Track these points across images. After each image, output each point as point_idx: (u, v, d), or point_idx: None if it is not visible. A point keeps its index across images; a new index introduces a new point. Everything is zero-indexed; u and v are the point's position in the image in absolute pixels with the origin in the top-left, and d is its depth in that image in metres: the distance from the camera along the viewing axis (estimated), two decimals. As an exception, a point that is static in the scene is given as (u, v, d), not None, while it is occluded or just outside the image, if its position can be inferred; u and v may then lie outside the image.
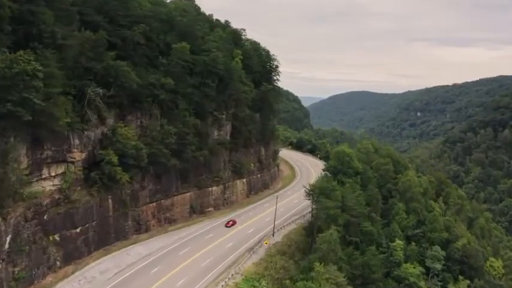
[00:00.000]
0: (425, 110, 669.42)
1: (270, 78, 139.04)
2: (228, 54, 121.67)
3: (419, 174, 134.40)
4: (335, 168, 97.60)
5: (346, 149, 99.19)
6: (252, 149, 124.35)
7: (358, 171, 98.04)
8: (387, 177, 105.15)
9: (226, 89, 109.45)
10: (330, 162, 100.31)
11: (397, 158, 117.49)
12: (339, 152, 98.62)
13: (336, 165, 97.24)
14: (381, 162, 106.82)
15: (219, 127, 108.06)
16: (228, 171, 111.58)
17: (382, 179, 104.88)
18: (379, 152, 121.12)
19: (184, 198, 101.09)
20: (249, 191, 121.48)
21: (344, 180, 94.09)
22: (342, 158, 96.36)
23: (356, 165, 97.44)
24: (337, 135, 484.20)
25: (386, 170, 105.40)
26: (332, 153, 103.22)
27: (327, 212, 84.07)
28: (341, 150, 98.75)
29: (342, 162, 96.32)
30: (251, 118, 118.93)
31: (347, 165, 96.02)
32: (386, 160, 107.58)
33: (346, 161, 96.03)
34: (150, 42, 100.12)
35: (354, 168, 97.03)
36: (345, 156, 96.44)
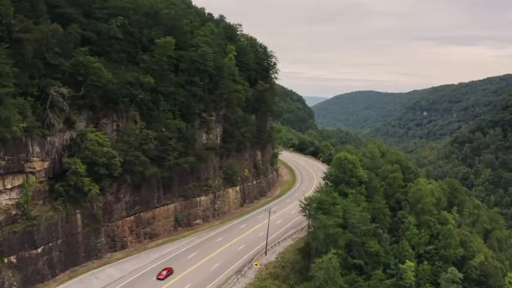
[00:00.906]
0: (432, 109, 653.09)
1: (267, 76, 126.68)
2: (220, 50, 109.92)
3: (430, 180, 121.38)
4: (336, 177, 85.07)
5: (348, 155, 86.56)
6: (247, 154, 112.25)
7: (363, 180, 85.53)
8: (396, 186, 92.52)
9: (216, 87, 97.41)
10: (331, 170, 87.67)
11: (406, 163, 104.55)
12: (340, 158, 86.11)
13: (337, 174, 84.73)
14: (389, 169, 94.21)
15: (207, 130, 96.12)
16: (218, 179, 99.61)
17: (390, 188, 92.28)
18: (386, 156, 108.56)
19: (167, 210, 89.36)
20: (243, 199, 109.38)
21: (347, 191, 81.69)
22: (344, 166, 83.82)
23: (360, 174, 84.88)
24: (342, 136, 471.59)
25: (394, 178, 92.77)
26: (333, 160, 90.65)
27: (326, 231, 71.58)
28: (343, 156, 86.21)
29: (344, 170, 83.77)
30: (245, 120, 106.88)
31: (350, 173, 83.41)
32: (394, 167, 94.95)
33: (349, 169, 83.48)
34: (130, 36, 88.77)
35: (357, 177, 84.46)
36: (348, 163, 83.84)
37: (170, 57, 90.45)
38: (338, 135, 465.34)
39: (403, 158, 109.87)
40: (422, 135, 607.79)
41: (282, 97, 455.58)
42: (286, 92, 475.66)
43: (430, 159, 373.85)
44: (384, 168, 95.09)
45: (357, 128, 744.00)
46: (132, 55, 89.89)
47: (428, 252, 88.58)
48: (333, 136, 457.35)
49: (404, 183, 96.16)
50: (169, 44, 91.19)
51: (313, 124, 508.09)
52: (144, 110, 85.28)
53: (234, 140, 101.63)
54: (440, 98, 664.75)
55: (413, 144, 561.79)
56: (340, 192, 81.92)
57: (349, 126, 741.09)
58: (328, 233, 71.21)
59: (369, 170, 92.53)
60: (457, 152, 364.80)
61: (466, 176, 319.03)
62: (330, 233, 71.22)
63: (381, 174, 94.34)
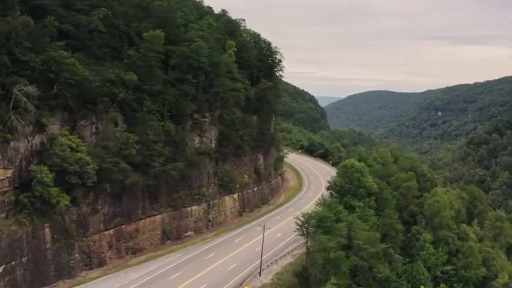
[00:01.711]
0: (446, 110, 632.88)
1: (271, 74, 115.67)
2: (218, 45, 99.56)
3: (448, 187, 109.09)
4: (341, 187, 73.56)
5: (356, 163, 74.79)
6: (246, 158, 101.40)
7: (372, 191, 73.76)
8: (410, 197, 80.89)
9: (211, 86, 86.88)
10: (335, 180, 75.90)
11: (421, 169, 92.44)
12: (346, 166, 74.49)
13: (343, 184, 73.14)
14: (402, 178, 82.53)
15: (200, 133, 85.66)
16: (213, 186, 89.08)
17: (404, 199, 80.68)
18: (399, 161, 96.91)
19: (154, 221, 79.18)
20: (242, 208, 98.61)
21: (353, 203, 70.20)
22: (351, 175, 72.21)
23: (369, 184, 73.06)
24: (355, 136, 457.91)
25: (408, 188, 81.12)
26: (338, 167, 78.40)
27: (326, 255, 60.17)
28: (349, 164, 74.55)
29: (351, 180, 72.12)
30: (244, 121, 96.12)
31: (357, 183, 71.77)
32: (408, 175, 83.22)
33: (356, 179, 71.84)
34: (114, 30, 78.94)
35: (366, 188, 72.76)
36: (355, 172, 72.15)
37: (158, 52, 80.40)
38: (351, 136, 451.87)
39: (418, 163, 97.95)
40: (437, 136, 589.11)
41: (294, 97, 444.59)
42: (298, 92, 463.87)
43: (445, 161, 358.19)
44: (396, 177, 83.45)
45: (370, 128, 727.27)
46: (118, 50, 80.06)
47: (446, 272, 76.80)
48: (346, 137, 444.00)
49: (420, 192, 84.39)
50: (158, 37, 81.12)
51: (326, 124, 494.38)
52: (126, 111, 75.30)
53: (231, 144, 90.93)
54: (455, 97, 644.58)
55: (428, 145, 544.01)
56: (345, 204, 70.54)
57: (363, 126, 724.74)
58: (328, 257, 59.75)
59: (379, 178, 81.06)
60: (473, 153, 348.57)
61: (482, 179, 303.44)
62: (331, 257, 59.75)
63: (393, 184, 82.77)
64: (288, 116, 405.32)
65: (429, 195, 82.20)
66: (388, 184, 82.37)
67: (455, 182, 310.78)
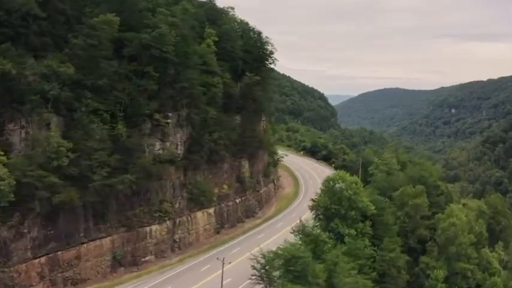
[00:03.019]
0: (460, 107, 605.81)
1: (260, 67, 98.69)
2: (194, 34, 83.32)
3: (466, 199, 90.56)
4: (326, 209, 55.37)
5: (346, 176, 56.28)
6: (226, 165, 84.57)
7: (368, 213, 55.30)
8: (418, 219, 63.01)
9: (177, 80, 70.50)
10: (319, 200, 57.35)
11: (434, 180, 73.98)
12: (333, 181, 56.10)
13: (328, 205, 54.87)
14: (409, 193, 64.55)
15: (162, 137, 69.42)
16: (180, 201, 72.79)
17: (410, 220, 62.81)
18: (407, 169, 79.11)
19: (100, 245, 63.34)
20: (220, 224, 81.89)
21: (342, 230, 52.34)
22: (339, 193, 54.02)
23: (364, 205, 54.58)
24: (366, 135, 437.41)
25: (417, 206, 63.06)
26: (324, 182, 59.63)
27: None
28: (335, 178, 56.25)
29: (340, 200, 54.02)
30: (220, 121, 79.40)
31: (348, 204, 53.58)
32: (417, 189, 65.06)
33: (346, 198, 53.72)
34: (59, 16, 63.57)
35: (360, 210, 54.57)
36: (345, 189, 53.93)
37: (112, 40, 64.74)
38: (361, 135, 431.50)
39: (431, 171, 79.61)
40: (451, 134, 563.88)
41: (303, 95, 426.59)
42: (307, 90, 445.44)
43: (460, 161, 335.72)
44: (401, 192, 65.54)
45: (383, 126, 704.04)
46: (65, 40, 64.43)
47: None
48: (356, 136, 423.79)
49: (431, 210, 66.63)
50: (111, 23, 65.24)
51: (336, 123, 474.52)
52: (63, 111, 59.64)
53: (202, 149, 74.27)
54: (468, 95, 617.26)
55: (441, 144, 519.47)
56: (333, 231, 53.20)
57: (375, 124, 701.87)
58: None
59: (381, 193, 63.67)
60: (489, 153, 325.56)
61: (499, 181, 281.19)
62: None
63: (397, 200, 65.17)
64: (296, 114, 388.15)
65: (443, 215, 64.08)
66: (390, 200, 64.63)
67: (471, 183, 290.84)
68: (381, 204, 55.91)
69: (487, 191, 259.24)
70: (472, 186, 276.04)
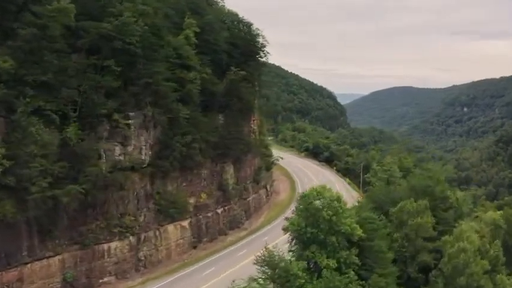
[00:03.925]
0: (472, 105, 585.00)
1: (249, 62, 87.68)
2: (169, 24, 73.01)
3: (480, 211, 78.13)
4: (301, 234, 42.84)
5: (326, 192, 43.95)
6: (205, 171, 73.61)
7: (355, 238, 42.80)
8: (420, 241, 50.94)
9: (141, 75, 59.93)
10: (292, 221, 45.07)
11: (442, 191, 61.22)
12: (309, 197, 43.63)
13: (303, 229, 42.41)
14: (409, 210, 52.25)
15: (123, 140, 58.74)
16: (146, 213, 62.23)
17: (411, 244, 50.66)
18: (410, 177, 67.12)
19: (48, 265, 53.42)
20: (197, 238, 71.02)
21: (321, 260, 40.46)
22: (316, 214, 41.82)
23: (347, 228, 41.90)
24: (376, 135, 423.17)
25: (418, 227, 50.86)
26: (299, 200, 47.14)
27: None
28: (312, 194, 43.75)
29: (317, 222, 41.76)
30: (197, 122, 68.48)
31: (328, 227, 41.16)
32: (420, 204, 52.76)
33: (326, 220, 41.39)
34: (9, 4, 53.72)
35: (344, 234, 42.31)
36: (324, 209, 41.62)
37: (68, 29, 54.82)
38: (371, 134, 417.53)
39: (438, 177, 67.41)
40: (463, 133, 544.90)
41: (311, 94, 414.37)
42: (315, 88, 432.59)
43: (472, 162, 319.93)
44: (400, 208, 53.30)
45: (394, 125, 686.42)
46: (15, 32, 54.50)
47: None
48: (365, 135, 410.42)
49: (437, 229, 54.56)
50: (65, 10, 55.14)
51: (346, 122, 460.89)
52: (2, 112, 49.58)
53: (172, 154, 63.41)
54: (481, 93, 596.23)
55: (453, 143, 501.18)
56: (310, 261, 41.68)
57: (386, 123, 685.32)
58: None
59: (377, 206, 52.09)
60: (503, 153, 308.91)
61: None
62: None
63: (394, 218, 53.28)
64: (304, 113, 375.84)
65: (451, 239, 51.83)
66: (386, 217, 52.76)
67: (483, 185, 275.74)
68: (371, 225, 44.32)
69: (500, 193, 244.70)
70: (484, 189, 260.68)
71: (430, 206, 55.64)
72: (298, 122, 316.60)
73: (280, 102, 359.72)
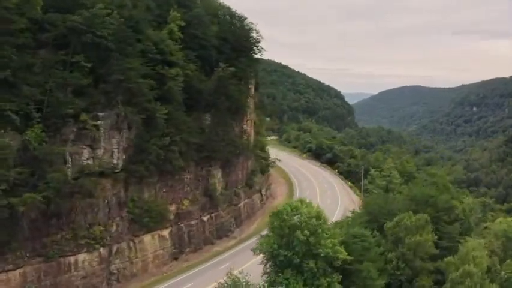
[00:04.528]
0: (482, 105, 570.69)
1: (240, 58, 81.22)
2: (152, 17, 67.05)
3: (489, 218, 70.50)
4: (274, 255, 35.61)
5: (303, 209, 36.53)
6: (189, 176, 67.31)
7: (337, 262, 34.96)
8: (419, 262, 43.76)
9: (110, 72, 53.85)
10: (263, 242, 37.68)
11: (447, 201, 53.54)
12: (281, 213, 36.19)
13: (274, 250, 35.11)
14: (407, 225, 44.96)
15: (92, 143, 52.72)
16: (119, 222, 56.18)
17: (408, 266, 43.42)
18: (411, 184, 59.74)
19: (7, 280, 48.41)
20: (179, 249, 64.77)
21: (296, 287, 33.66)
22: (290, 233, 34.11)
23: (328, 251, 34.48)
24: (383, 134, 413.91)
25: (417, 246, 43.78)
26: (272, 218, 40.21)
27: None
28: (285, 210, 36.09)
29: (292, 242, 34.37)
30: (177, 123, 62.22)
31: (305, 248, 33.76)
32: (420, 220, 45.25)
33: (303, 241, 33.83)
34: None
35: (324, 258, 34.88)
36: (300, 228, 34.17)
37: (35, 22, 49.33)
38: (378, 134, 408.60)
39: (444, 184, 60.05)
40: (472, 133, 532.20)
41: (318, 93, 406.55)
42: (322, 88, 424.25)
43: (481, 162, 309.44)
44: (396, 223, 45.92)
45: (403, 125, 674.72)
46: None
47: None
48: (373, 135, 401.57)
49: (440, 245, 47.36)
50: (31, 2, 49.97)
51: (353, 122, 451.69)
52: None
53: (148, 158, 57.18)
54: (490, 92, 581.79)
55: (462, 143, 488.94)
56: (287, 287, 35.06)
57: (395, 123, 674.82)
58: None
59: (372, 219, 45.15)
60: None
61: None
62: None
63: (390, 235, 46.03)
64: (311, 113, 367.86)
65: (455, 259, 44.65)
66: (380, 232, 45.77)
67: (492, 187, 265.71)
68: (361, 244, 37.34)
69: (510, 195, 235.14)
70: (494, 190, 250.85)
71: (433, 218, 48.66)
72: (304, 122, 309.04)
73: (286, 102, 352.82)
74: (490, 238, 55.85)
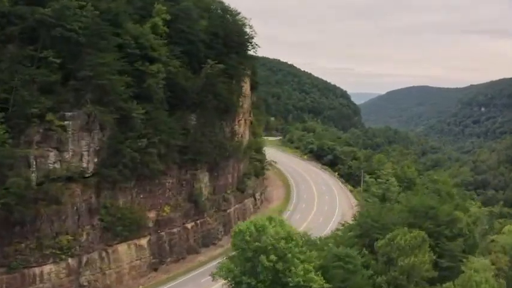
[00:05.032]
0: (490, 105, 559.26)
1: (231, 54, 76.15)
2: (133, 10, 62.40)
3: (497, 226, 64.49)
4: (234, 281, 30.66)
5: (269, 227, 30.99)
6: (171, 180, 62.44)
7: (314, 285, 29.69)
8: None
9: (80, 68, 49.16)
10: (223, 266, 32.48)
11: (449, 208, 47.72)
12: (243, 232, 30.90)
13: (236, 277, 29.98)
14: (401, 245, 39.11)
15: (59, 145, 48.03)
16: (90, 231, 51.47)
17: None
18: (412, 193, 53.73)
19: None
20: (159, 259, 59.95)
21: None
22: (255, 259, 28.87)
23: (300, 280, 28.53)
24: (390, 135, 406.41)
25: (412, 269, 37.98)
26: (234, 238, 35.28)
27: None
28: (248, 230, 30.60)
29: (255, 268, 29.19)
30: (156, 123, 57.30)
31: (271, 278, 28.64)
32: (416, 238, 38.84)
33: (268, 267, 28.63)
34: None
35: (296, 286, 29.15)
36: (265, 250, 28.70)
37: None
38: (385, 134, 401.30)
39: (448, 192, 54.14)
40: (480, 134, 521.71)
41: (324, 92, 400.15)
42: (328, 87, 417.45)
43: (489, 164, 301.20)
44: (388, 241, 40.17)
45: (411, 125, 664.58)
46: None
47: None
48: (380, 135, 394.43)
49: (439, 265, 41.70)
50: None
51: (359, 122, 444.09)
52: None
53: (121, 161, 52.33)
54: (499, 92, 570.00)
55: (470, 144, 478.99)
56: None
57: (403, 123, 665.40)
58: None
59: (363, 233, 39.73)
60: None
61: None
62: None
63: (380, 256, 40.32)
64: (316, 113, 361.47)
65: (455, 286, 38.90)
66: (371, 251, 40.31)
67: (500, 190, 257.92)
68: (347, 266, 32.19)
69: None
70: (502, 193, 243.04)
71: (433, 233, 43.00)
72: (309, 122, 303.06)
73: (292, 101, 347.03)
74: (497, 253, 50.23)
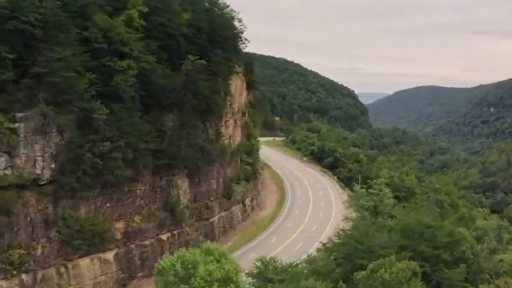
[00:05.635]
0: (500, 105, 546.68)
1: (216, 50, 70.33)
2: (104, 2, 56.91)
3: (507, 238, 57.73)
4: None
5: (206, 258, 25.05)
6: (143, 188, 56.83)
7: None
8: None
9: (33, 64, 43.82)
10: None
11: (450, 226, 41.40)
12: (167, 272, 25.93)
13: None
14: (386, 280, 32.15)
15: (10, 149, 42.82)
16: (46, 244, 46.20)
17: None
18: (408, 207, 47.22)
19: None
20: (129, 274, 54.39)
21: None
22: None
23: None
24: (398, 135, 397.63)
25: None
26: (157, 275, 29.71)
27: None
28: (172, 267, 25.27)
29: None
30: (123, 124, 51.68)
31: None
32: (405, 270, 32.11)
33: None
34: None
35: None
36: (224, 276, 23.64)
37: None
38: (393, 135, 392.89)
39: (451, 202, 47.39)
40: (489, 134, 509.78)
41: (330, 92, 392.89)
42: (335, 87, 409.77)
43: (498, 166, 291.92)
44: (371, 272, 33.38)
45: (419, 125, 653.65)
46: None
47: None
48: (387, 136, 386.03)
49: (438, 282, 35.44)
50: None
51: (367, 122, 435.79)
52: None
53: (80, 167, 46.75)
54: (508, 92, 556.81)
55: (479, 145, 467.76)
56: None
57: (411, 123, 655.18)
58: None
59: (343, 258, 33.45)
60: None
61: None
62: None
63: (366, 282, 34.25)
64: (322, 112, 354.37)
65: None
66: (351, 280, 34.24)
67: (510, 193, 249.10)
68: None
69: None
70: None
71: (429, 258, 36.33)
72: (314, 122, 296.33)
73: (297, 101, 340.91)
74: (505, 278, 43.70)
